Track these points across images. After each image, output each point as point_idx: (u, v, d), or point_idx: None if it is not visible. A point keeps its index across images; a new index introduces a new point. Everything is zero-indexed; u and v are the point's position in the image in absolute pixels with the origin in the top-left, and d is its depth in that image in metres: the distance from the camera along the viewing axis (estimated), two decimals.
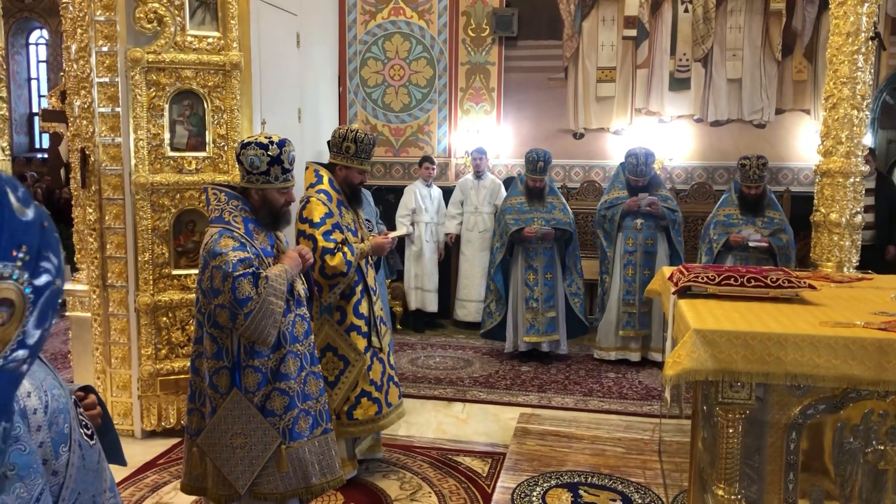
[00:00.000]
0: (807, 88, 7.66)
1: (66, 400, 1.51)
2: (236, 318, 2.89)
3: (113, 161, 4.73)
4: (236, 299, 2.87)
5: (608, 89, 7.99)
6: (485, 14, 8.12)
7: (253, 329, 2.89)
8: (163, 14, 4.66)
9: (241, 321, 2.88)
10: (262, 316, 2.89)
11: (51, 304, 1.19)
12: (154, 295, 4.75)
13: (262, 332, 2.92)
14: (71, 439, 1.48)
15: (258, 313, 2.88)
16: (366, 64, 8.42)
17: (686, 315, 3.00)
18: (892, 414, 2.79)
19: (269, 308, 2.90)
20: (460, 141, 8.23)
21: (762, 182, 5.93)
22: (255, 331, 2.90)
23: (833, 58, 4.78)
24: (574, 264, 6.64)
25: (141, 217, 4.69)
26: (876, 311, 3.05)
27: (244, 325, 2.89)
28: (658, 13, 7.81)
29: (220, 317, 2.97)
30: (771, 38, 7.64)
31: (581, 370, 6.48)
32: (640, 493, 4.13)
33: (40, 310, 1.15)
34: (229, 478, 3.00)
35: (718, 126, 7.84)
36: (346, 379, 4.05)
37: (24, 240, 1.08)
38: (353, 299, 4.02)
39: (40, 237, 1.12)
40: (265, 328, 2.91)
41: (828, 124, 4.81)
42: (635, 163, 6.40)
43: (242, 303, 2.87)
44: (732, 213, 6.04)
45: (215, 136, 4.85)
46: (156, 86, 4.70)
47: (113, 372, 4.87)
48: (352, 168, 4.07)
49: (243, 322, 2.88)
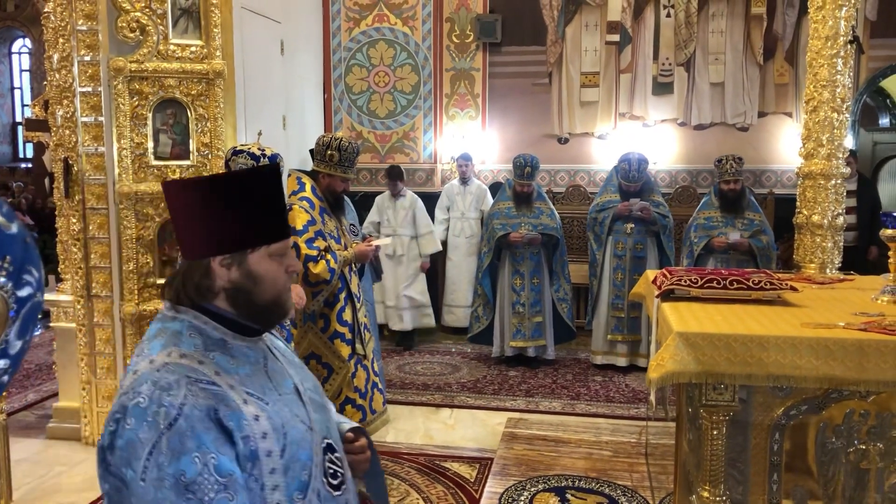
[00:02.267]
0: (789, 92, 7.73)
1: (310, 445, 1.45)
2: None
3: (96, 170, 4.71)
4: None
5: (592, 94, 8.03)
6: (468, 20, 8.15)
7: None
8: (145, 23, 4.65)
9: None
10: None
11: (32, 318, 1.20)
12: (139, 304, 4.73)
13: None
14: (309, 488, 1.43)
15: None
16: (350, 71, 8.43)
17: (669, 318, 3.02)
18: (873, 414, 2.81)
19: None
20: (446, 147, 8.24)
21: (740, 178, 5.98)
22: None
23: (813, 61, 4.83)
24: (561, 269, 6.66)
25: (125, 226, 4.67)
26: (857, 312, 3.08)
27: None
28: (640, 18, 7.86)
29: None
30: (752, 42, 7.70)
31: (568, 374, 6.49)
32: (627, 497, 4.14)
33: (22, 320, 1.15)
34: None
35: (702, 129, 7.89)
36: (330, 387, 4.05)
37: (8, 251, 1.10)
38: (337, 307, 4.02)
39: (23, 251, 1.13)
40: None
41: (809, 127, 4.86)
42: (628, 168, 6.41)
43: None
44: (713, 217, 6.08)
45: (199, 145, 4.84)
46: (139, 95, 4.69)
47: (98, 382, 4.84)
48: (335, 176, 4.08)
49: None
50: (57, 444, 4.94)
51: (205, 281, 1.45)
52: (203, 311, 1.46)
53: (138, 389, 1.31)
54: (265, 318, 1.51)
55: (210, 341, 1.43)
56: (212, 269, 1.44)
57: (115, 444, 1.28)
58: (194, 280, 1.45)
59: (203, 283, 1.45)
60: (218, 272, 1.44)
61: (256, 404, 1.38)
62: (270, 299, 1.48)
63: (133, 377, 1.35)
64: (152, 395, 1.29)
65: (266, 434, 1.36)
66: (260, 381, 1.45)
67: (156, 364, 1.35)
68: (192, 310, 1.45)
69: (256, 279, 1.45)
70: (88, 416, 4.87)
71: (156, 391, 1.30)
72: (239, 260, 1.44)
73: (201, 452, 1.26)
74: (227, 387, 1.37)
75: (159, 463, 1.24)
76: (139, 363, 1.38)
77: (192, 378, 1.34)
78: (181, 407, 1.28)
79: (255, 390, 1.42)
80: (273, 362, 1.53)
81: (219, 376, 1.37)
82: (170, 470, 1.24)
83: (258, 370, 1.47)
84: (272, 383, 1.48)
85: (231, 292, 1.46)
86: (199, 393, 1.32)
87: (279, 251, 1.48)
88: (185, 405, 1.29)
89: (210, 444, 1.28)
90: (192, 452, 1.26)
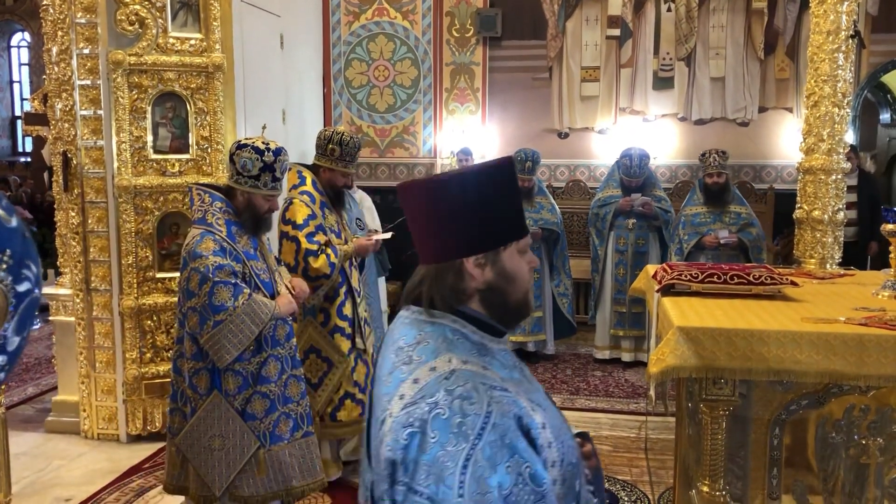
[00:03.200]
0: (789, 86, 7.71)
1: (576, 452, 1.41)
2: (205, 324, 2.86)
3: (95, 164, 4.70)
4: (211, 304, 2.85)
5: (592, 89, 8.02)
6: (469, 14, 8.12)
7: (215, 341, 2.85)
8: (144, 16, 4.63)
9: (209, 328, 2.85)
10: (230, 331, 2.85)
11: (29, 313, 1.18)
12: (138, 298, 4.72)
13: (222, 348, 2.86)
14: (581, 498, 1.40)
15: (226, 325, 2.85)
16: (350, 65, 8.41)
17: (669, 312, 3.02)
18: (873, 409, 2.81)
19: (240, 326, 2.86)
20: (446, 141, 8.23)
21: (724, 171, 5.97)
22: (216, 343, 2.85)
23: (814, 56, 4.81)
24: (562, 264, 6.65)
25: (124, 220, 4.67)
26: (857, 307, 3.07)
27: (209, 333, 2.86)
28: (641, 12, 7.84)
29: (190, 320, 2.94)
30: (753, 36, 7.68)
31: (568, 369, 6.49)
32: (627, 491, 4.14)
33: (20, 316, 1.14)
34: (206, 479, 2.99)
35: (702, 124, 7.88)
36: (330, 381, 4.04)
37: (7, 245, 1.09)
38: (337, 301, 4.01)
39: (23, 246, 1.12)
40: (226, 345, 2.86)
41: (809, 122, 4.84)
42: (629, 164, 6.40)
43: (216, 309, 2.85)
44: (700, 212, 6.04)
45: (198, 139, 4.83)
46: (138, 88, 4.68)
47: (97, 376, 4.83)
48: (336, 170, 4.06)
49: (210, 329, 2.85)
50: (56, 437, 4.94)
51: (459, 283, 1.38)
52: (457, 314, 1.39)
53: (433, 400, 1.24)
54: (514, 317, 1.45)
55: (473, 346, 1.37)
56: (465, 271, 1.38)
57: (419, 459, 1.20)
58: (448, 283, 1.38)
59: (457, 286, 1.38)
60: (472, 273, 1.38)
61: (539, 411, 1.32)
62: (521, 298, 1.43)
63: (414, 386, 1.28)
64: (452, 405, 1.22)
65: (551, 443, 1.30)
66: (525, 386, 1.39)
67: (441, 371, 1.28)
68: (447, 314, 1.39)
69: (510, 278, 1.40)
70: (87, 409, 4.87)
71: (454, 401, 1.23)
72: (493, 259, 1.38)
73: (515, 462, 1.20)
74: (515, 394, 1.30)
75: (478, 476, 1.17)
76: (416, 371, 1.30)
77: (486, 385, 1.27)
78: (487, 416, 1.22)
79: (532, 397, 1.35)
80: (523, 365, 1.47)
81: (504, 382, 1.31)
82: (491, 482, 1.18)
83: (522, 375, 1.42)
84: (533, 387, 1.42)
85: (485, 293, 1.39)
86: (500, 400, 1.25)
87: (524, 247, 1.43)
88: (490, 413, 1.22)
89: (523, 452, 1.22)
90: (506, 462, 1.20)
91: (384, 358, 1.42)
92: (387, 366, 1.38)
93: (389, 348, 1.41)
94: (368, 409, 1.45)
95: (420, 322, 1.40)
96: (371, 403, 1.43)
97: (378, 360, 1.45)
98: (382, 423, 1.29)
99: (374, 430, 1.34)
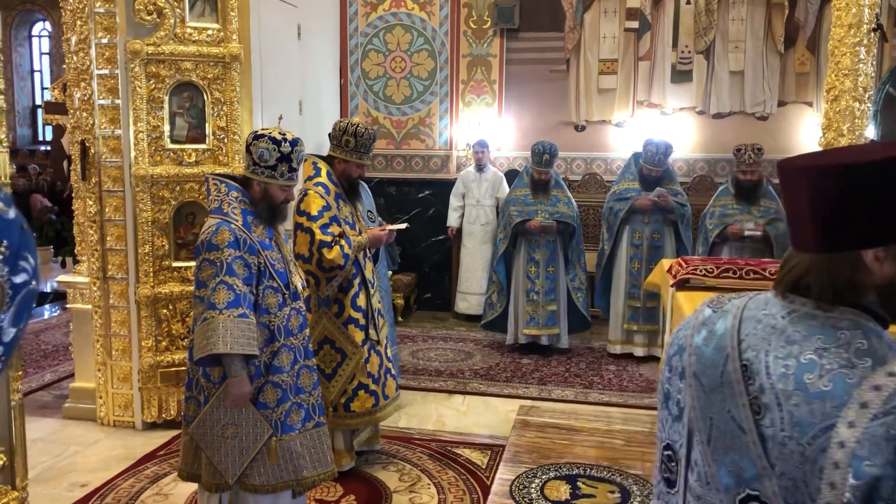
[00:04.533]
0: (809, 80, 7.62)
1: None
2: (202, 316, 2.89)
3: (113, 153, 4.73)
4: (209, 300, 2.88)
5: (610, 81, 7.96)
6: (486, 6, 8.09)
7: (202, 335, 2.87)
8: (162, 6, 4.65)
9: (199, 324, 2.88)
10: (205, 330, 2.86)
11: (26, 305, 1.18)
12: (154, 287, 4.76)
13: (208, 342, 2.85)
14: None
15: (209, 323, 2.86)
16: (367, 56, 8.40)
17: (683, 308, 3.00)
18: None
19: (210, 333, 2.85)
20: (462, 133, 8.21)
21: (758, 168, 5.92)
22: (203, 335, 2.87)
23: (835, 49, 4.75)
24: (577, 258, 6.63)
25: (141, 209, 4.70)
26: None
27: (199, 326, 2.88)
28: (660, 5, 7.78)
29: (196, 307, 2.96)
30: (773, 29, 7.60)
31: (581, 363, 6.48)
32: (639, 485, 4.13)
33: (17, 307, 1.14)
34: (219, 467, 3.01)
35: (720, 118, 7.81)
36: (344, 371, 4.06)
37: (5, 236, 1.09)
38: (351, 292, 4.02)
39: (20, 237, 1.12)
40: (201, 341, 2.86)
41: (829, 117, 4.79)
42: (654, 151, 6.37)
43: (212, 306, 2.87)
44: (728, 204, 6.04)
45: (215, 129, 4.85)
46: (155, 78, 4.70)
47: (113, 364, 4.88)
48: (350, 162, 4.06)
49: (200, 325, 2.88)
50: (72, 423, 4.99)
51: (857, 276, 1.28)
52: (859, 309, 1.29)
53: None
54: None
55: (890, 346, 1.27)
56: (863, 263, 1.28)
57: None
58: (844, 275, 1.28)
59: (856, 279, 1.28)
60: (871, 266, 1.27)
61: None
62: None
63: (879, 394, 1.17)
64: None
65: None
66: None
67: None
68: (848, 308, 1.29)
69: None
70: (104, 396, 4.92)
71: None
72: (894, 253, 1.27)
73: None
74: None
75: None
76: (869, 376, 1.20)
77: None
78: None
79: None
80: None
81: None
82: None
83: None
84: None
85: (884, 289, 1.29)
86: None
87: None
88: None
89: None
90: None
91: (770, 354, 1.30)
92: (792, 365, 1.26)
93: (772, 343, 1.30)
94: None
95: (823, 318, 1.30)
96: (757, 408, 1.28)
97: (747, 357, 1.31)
98: (825, 431, 1.18)
99: (787, 440, 1.22)
